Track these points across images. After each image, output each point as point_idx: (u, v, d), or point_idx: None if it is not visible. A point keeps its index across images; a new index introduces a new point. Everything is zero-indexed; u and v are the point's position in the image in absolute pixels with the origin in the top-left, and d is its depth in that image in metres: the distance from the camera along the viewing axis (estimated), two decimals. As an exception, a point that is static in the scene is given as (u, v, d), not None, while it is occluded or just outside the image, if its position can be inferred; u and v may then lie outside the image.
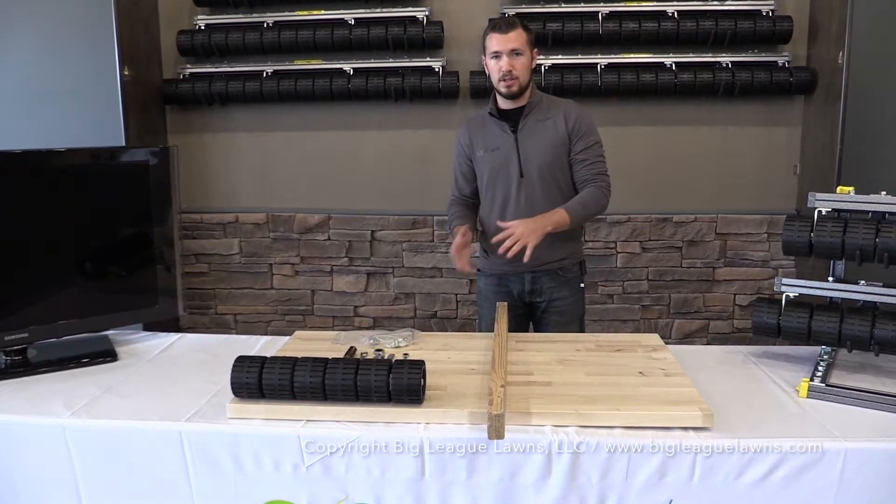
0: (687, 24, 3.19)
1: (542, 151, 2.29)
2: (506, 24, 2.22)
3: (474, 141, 2.37)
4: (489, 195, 2.36)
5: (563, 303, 2.38)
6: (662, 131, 3.41)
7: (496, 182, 2.34)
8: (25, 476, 1.60)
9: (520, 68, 2.22)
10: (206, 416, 1.58)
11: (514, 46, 2.20)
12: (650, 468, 1.46)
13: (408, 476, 1.50)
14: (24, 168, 1.96)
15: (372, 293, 3.61)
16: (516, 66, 2.21)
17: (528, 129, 2.29)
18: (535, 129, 2.29)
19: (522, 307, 2.41)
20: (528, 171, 2.29)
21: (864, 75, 2.99)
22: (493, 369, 1.62)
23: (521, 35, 2.22)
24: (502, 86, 2.24)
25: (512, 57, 2.20)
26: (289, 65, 3.41)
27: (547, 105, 2.33)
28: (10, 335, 1.89)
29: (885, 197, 1.71)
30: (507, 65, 2.20)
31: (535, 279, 2.36)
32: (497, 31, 2.22)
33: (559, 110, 2.31)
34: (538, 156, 2.29)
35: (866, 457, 1.44)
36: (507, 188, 2.32)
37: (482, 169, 2.36)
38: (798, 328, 1.80)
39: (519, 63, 2.22)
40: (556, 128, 2.29)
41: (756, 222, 3.42)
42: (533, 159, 2.29)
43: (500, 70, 2.22)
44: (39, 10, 3.37)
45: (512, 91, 2.24)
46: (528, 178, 2.29)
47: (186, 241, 3.57)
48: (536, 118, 2.30)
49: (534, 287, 2.37)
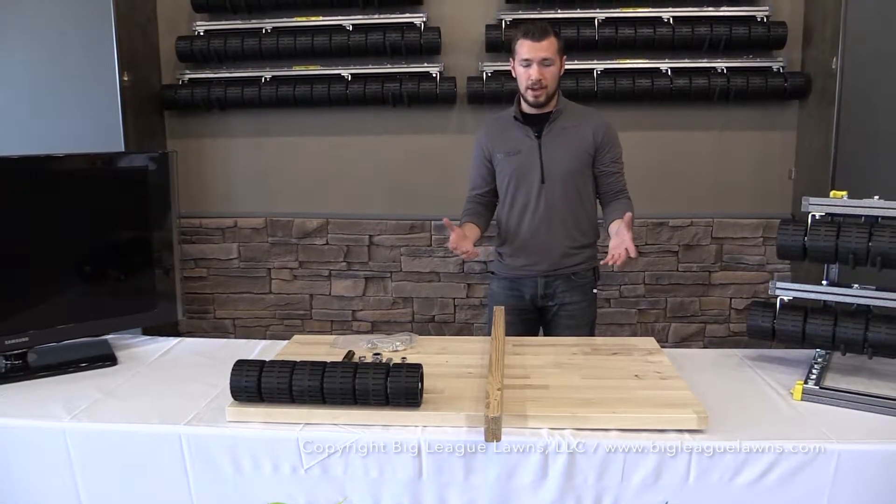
0: (682, 30, 3.21)
1: (566, 159, 2.28)
2: (539, 32, 2.17)
3: (494, 143, 2.34)
4: (509, 198, 2.35)
5: (575, 307, 2.37)
6: (658, 136, 3.43)
7: (517, 186, 2.32)
8: (26, 479, 1.61)
9: (549, 78, 2.19)
10: (206, 419, 1.59)
11: (546, 55, 2.17)
12: (646, 470, 1.47)
13: (405, 477, 1.51)
14: (24, 173, 1.97)
15: (370, 297, 3.62)
16: (546, 75, 2.18)
17: (552, 136, 2.27)
18: (559, 136, 2.27)
19: (534, 311, 2.41)
20: (550, 178, 2.28)
21: (857, 80, 3.01)
22: (491, 372, 1.64)
23: (553, 44, 2.18)
24: (530, 94, 2.21)
25: (542, 66, 2.17)
26: (287, 70, 3.42)
27: (572, 112, 2.31)
28: (10, 339, 1.90)
29: (878, 201, 1.73)
30: (537, 73, 2.17)
31: (549, 283, 2.35)
32: (529, 37, 2.17)
33: (586, 119, 2.30)
34: (561, 163, 2.28)
35: (860, 458, 1.46)
36: (528, 193, 2.30)
37: (503, 171, 2.34)
38: (792, 331, 1.82)
39: (549, 72, 2.19)
40: (581, 137, 2.28)
41: (752, 226, 3.44)
42: (556, 166, 2.27)
43: (528, 78, 2.18)
44: (39, 16, 3.38)
45: (539, 101, 2.22)
46: (550, 185, 2.28)
47: (185, 245, 3.58)
48: (562, 125, 2.28)
49: (547, 291, 2.36)
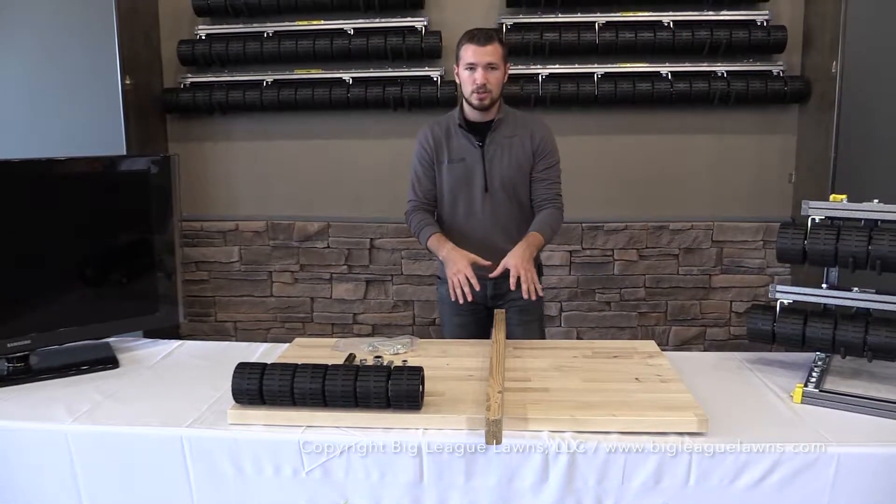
0: (682, 34, 3.22)
1: (508, 167, 2.30)
2: (484, 37, 2.20)
3: (439, 150, 2.34)
4: (450, 206, 2.36)
5: (525, 303, 2.32)
6: (659, 140, 3.43)
7: (459, 194, 2.34)
8: (28, 482, 1.61)
9: (494, 82, 2.21)
10: (207, 422, 1.60)
11: (491, 60, 2.19)
12: (646, 472, 1.48)
13: (406, 480, 1.51)
14: (26, 177, 1.98)
15: (371, 300, 3.62)
16: (490, 79, 2.20)
17: (495, 144, 2.30)
18: (501, 145, 2.30)
19: (485, 311, 2.42)
20: (492, 186, 2.30)
21: (857, 84, 3.01)
22: (491, 375, 1.64)
23: (498, 49, 2.21)
24: (475, 97, 2.22)
25: (487, 70, 2.19)
26: (289, 74, 3.43)
27: (514, 121, 2.33)
28: (12, 342, 1.91)
29: (877, 205, 1.73)
30: (482, 78, 2.19)
31: (498, 284, 2.34)
32: (474, 42, 2.20)
33: (526, 127, 2.33)
34: (503, 171, 2.30)
35: (860, 461, 1.46)
36: (471, 201, 2.33)
37: (444, 179, 2.35)
38: (792, 334, 1.82)
39: (493, 77, 2.21)
40: (522, 145, 2.31)
41: (752, 230, 3.44)
42: (497, 174, 2.30)
43: (473, 82, 2.20)
44: (41, 20, 3.39)
45: (484, 104, 2.24)
46: (493, 192, 2.31)
47: (187, 248, 3.59)
48: (504, 134, 2.30)
49: (496, 292, 2.38)
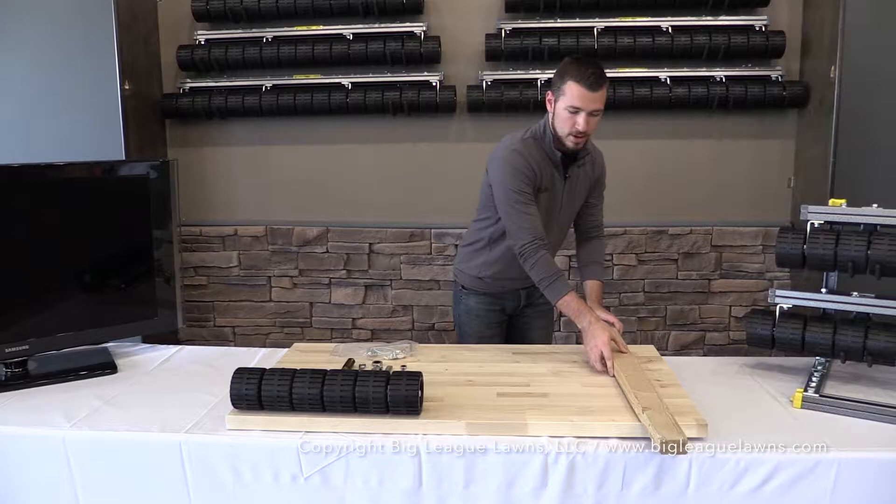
0: (681, 39, 3.22)
1: (579, 199, 2.27)
2: (596, 83, 2.00)
3: (539, 175, 2.15)
4: None
5: (546, 307, 2.39)
6: (657, 145, 3.44)
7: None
8: (25, 487, 1.61)
9: (593, 127, 2.09)
10: (206, 427, 1.59)
11: (597, 107, 2.05)
12: (646, 478, 1.47)
13: (405, 486, 1.51)
14: (26, 181, 1.98)
15: (370, 305, 3.62)
16: (591, 125, 2.07)
17: (573, 177, 2.21)
18: (578, 177, 2.23)
19: (507, 318, 2.42)
20: (563, 217, 2.26)
21: (855, 89, 3.01)
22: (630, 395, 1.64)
23: (604, 95, 2.05)
24: (570, 140, 2.08)
25: (590, 116, 2.04)
26: (288, 79, 3.43)
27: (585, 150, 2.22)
28: (10, 347, 1.91)
29: (876, 209, 1.74)
30: (584, 125, 2.04)
31: (530, 293, 2.35)
32: (584, 85, 2.00)
33: (589, 154, 2.24)
34: (574, 203, 2.26)
35: (860, 466, 1.46)
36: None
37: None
38: (792, 339, 1.82)
39: (594, 122, 2.07)
40: (587, 175, 2.25)
41: (751, 234, 3.44)
42: (569, 206, 2.25)
43: (573, 125, 2.04)
44: (40, 26, 3.40)
45: (578, 148, 2.13)
46: (561, 223, 2.27)
47: (185, 253, 3.58)
48: (578, 164, 2.22)
49: (529, 301, 2.38)
